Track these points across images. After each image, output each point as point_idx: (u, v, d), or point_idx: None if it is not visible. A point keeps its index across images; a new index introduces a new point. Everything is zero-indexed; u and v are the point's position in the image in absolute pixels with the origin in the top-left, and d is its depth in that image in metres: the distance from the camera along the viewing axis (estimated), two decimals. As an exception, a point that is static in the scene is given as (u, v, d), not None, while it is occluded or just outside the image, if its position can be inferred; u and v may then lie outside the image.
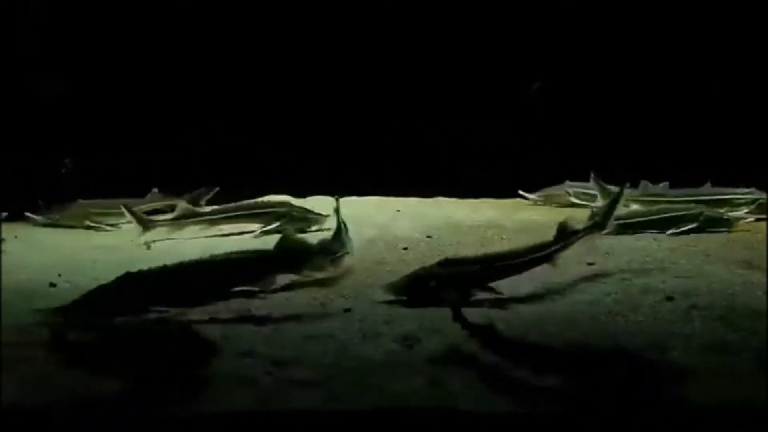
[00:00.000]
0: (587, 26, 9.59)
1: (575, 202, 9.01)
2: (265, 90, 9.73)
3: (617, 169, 8.26)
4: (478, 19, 9.71)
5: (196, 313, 5.71)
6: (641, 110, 9.63)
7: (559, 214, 8.52)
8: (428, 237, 7.98)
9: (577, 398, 4.67)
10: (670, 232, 7.91)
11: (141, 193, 8.84)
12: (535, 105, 9.77)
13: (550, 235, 6.41)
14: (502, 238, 7.84)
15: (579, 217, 7.06)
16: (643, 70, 9.61)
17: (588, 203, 8.67)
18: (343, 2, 9.71)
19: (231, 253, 6.10)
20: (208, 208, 8.45)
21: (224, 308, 5.91)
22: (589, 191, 8.83)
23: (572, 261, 7.03)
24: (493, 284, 6.13)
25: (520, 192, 9.45)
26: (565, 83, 9.69)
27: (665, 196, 8.51)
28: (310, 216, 8.14)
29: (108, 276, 5.86)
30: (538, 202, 9.40)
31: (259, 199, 8.44)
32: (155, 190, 8.78)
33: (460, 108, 9.85)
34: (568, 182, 9.22)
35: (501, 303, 6.08)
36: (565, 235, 6.37)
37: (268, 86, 9.72)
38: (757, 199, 8.45)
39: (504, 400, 4.57)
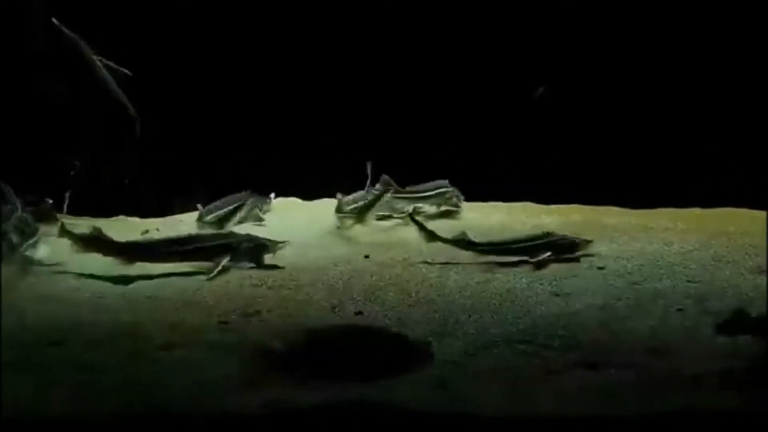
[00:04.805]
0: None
1: None
2: (268, 90, 9.74)
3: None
4: (474, 21, 9.71)
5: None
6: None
7: (567, 219, 8.56)
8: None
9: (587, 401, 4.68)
10: None
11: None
12: (540, 108, 9.76)
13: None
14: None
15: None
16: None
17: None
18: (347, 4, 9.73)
19: None
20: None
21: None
22: None
23: (582, 265, 7.06)
24: None
25: None
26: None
27: None
28: None
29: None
30: None
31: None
32: None
33: (463, 110, 9.85)
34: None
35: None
36: None
37: (270, 86, 9.72)
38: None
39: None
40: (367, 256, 7.32)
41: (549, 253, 7.08)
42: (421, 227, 7.39)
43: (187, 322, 5.80)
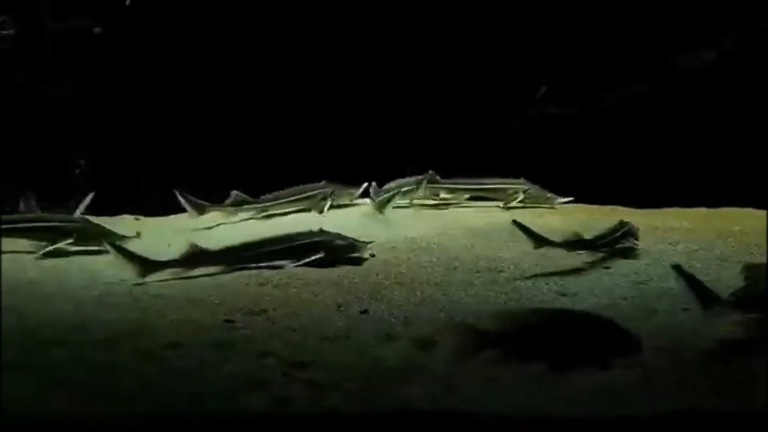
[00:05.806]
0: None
1: None
2: (271, 92, 9.76)
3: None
4: (476, 23, 9.74)
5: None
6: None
7: (571, 218, 8.56)
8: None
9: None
10: None
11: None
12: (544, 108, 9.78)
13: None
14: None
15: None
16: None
17: None
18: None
19: None
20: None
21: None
22: None
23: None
24: None
25: None
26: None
27: None
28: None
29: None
30: None
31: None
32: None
33: (466, 111, 9.86)
34: None
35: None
36: None
37: (275, 88, 9.75)
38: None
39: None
40: (372, 255, 7.32)
41: (635, 240, 7.27)
42: (527, 231, 7.02)
43: (192, 320, 5.80)
